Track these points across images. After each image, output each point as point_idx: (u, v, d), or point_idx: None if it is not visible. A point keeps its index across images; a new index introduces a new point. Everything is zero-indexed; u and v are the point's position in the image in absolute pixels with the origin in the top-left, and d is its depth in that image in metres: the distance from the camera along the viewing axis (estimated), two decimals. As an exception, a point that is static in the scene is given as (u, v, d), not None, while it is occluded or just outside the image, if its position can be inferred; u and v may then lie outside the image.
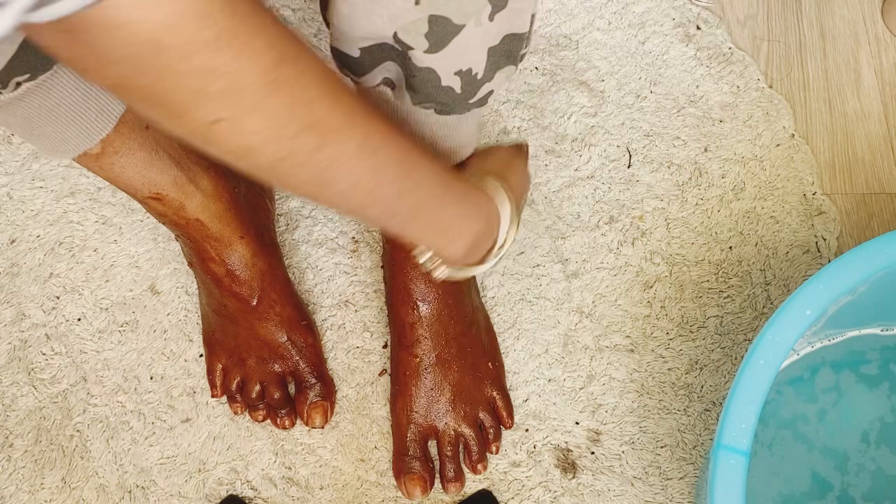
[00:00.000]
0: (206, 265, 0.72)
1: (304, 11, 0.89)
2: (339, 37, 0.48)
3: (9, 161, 0.84)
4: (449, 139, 0.59)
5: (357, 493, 0.74)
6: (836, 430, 0.71)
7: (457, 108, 0.53)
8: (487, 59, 0.48)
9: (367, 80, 0.52)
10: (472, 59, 0.47)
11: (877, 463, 0.70)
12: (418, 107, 0.52)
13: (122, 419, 0.76)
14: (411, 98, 0.51)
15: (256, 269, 0.72)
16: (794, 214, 0.82)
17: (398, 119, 0.57)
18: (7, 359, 0.78)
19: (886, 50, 0.88)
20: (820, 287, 0.57)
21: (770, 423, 0.71)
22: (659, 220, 0.82)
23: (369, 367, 0.78)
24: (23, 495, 0.75)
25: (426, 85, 0.49)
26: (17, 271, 0.81)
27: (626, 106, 0.86)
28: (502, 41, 0.47)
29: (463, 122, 0.58)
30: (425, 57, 0.47)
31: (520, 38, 0.48)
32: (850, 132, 0.85)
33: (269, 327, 0.73)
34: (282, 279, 0.75)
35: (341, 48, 0.49)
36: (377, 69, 0.50)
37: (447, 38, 0.45)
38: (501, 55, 0.48)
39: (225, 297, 0.73)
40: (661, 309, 0.79)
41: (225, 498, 0.74)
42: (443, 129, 0.58)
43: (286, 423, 0.74)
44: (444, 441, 0.72)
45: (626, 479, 0.74)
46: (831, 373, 0.72)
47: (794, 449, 0.71)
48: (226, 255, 0.71)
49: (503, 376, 0.76)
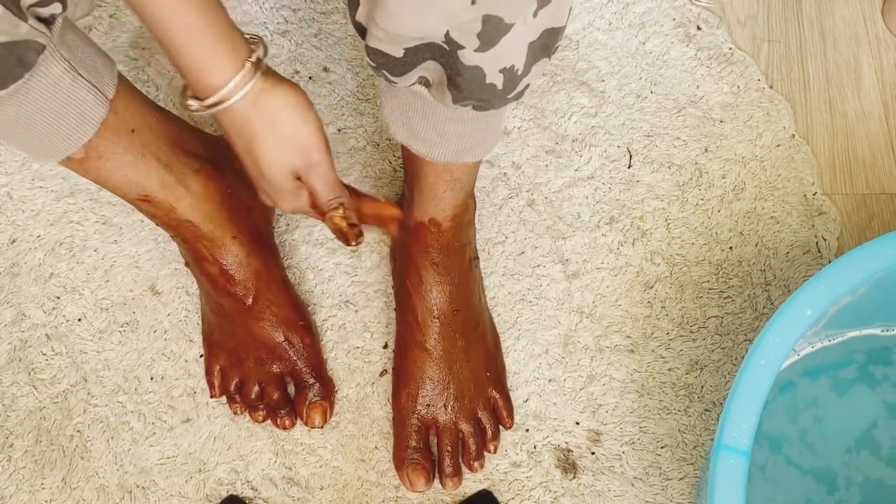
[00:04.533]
0: (200, 265, 0.72)
1: (304, 11, 0.89)
2: (384, 37, 0.47)
3: (9, 161, 0.84)
4: (477, 133, 0.59)
5: (357, 493, 0.74)
6: (821, 448, 0.71)
7: (496, 104, 0.52)
8: (527, 54, 0.48)
9: (405, 79, 0.52)
10: (515, 56, 0.47)
11: (863, 472, 0.71)
12: (458, 105, 0.52)
13: (122, 419, 0.76)
14: (453, 97, 0.51)
15: (251, 269, 0.72)
16: (794, 215, 0.82)
17: (427, 116, 0.57)
18: (7, 359, 0.78)
19: (887, 50, 0.88)
20: (820, 287, 0.57)
21: (763, 443, 0.71)
22: (659, 220, 0.82)
23: (369, 367, 0.78)
24: (23, 495, 0.75)
25: (471, 83, 0.49)
26: (17, 271, 0.81)
27: (626, 106, 0.86)
28: (541, 36, 0.47)
29: (495, 116, 0.58)
30: (474, 56, 0.46)
31: (557, 31, 0.48)
32: (850, 132, 0.85)
33: (265, 327, 0.73)
34: (278, 279, 0.75)
35: (384, 49, 0.48)
36: (417, 68, 0.50)
37: (497, 37, 0.45)
38: (539, 49, 0.48)
39: (221, 297, 0.73)
40: (661, 309, 0.79)
41: (225, 498, 0.74)
42: (477, 123, 0.57)
43: (286, 423, 0.74)
44: (444, 435, 0.72)
45: (627, 479, 0.74)
46: (810, 383, 0.73)
47: (787, 474, 0.71)
48: (219, 255, 0.71)
49: (504, 377, 0.76)
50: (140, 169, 0.64)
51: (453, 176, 0.66)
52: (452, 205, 0.69)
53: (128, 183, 0.65)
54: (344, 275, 0.80)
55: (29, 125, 0.56)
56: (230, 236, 0.71)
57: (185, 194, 0.68)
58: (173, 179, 0.67)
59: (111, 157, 0.62)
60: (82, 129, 0.59)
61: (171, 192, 0.67)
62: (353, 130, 0.85)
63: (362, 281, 0.80)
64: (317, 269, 0.81)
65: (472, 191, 0.73)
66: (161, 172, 0.66)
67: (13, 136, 0.57)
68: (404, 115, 0.58)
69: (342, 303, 0.80)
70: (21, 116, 0.55)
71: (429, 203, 0.69)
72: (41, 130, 0.56)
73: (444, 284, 0.72)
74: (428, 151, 0.60)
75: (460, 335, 0.73)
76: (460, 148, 0.60)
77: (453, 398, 0.72)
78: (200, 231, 0.70)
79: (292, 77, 0.86)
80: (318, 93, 0.86)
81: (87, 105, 0.58)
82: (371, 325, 0.79)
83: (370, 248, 0.81)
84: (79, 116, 0.58)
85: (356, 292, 0.80)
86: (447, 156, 0.61)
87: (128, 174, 0.64)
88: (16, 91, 0.52)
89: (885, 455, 0.71)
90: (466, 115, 0.55)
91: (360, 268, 0.81)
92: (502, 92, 0.50)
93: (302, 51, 0.87)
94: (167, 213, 0.68)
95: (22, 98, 0.53)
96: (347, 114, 0.85)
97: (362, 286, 0.80)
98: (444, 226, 0.70)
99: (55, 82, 0.54)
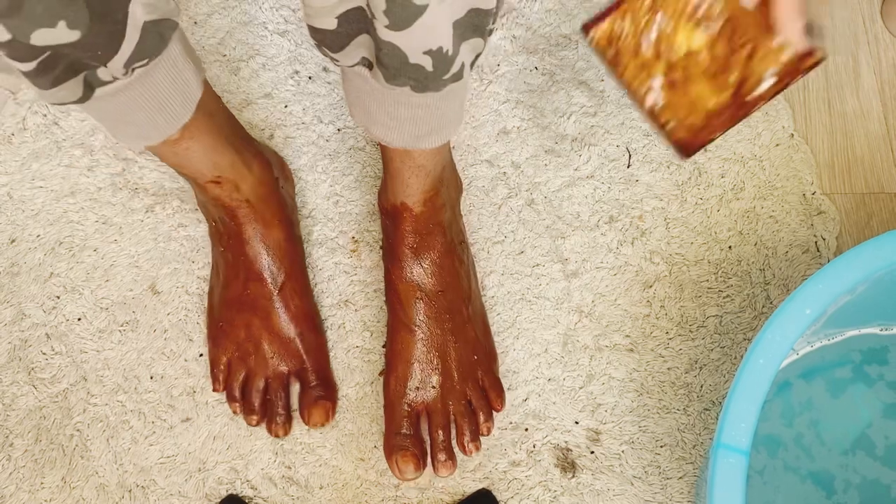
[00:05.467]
0: (242, 247, 0.74)
1: (304, 11, 0.89)
2: (313, 13, 0.49)
3: (9, 161, 0.84)
4: (430, 119, 0.59)
5: (357, 493, 0.74)
6: (817, 451, 0.71)
7: (431, 85, 0.52)
8: (454, 34, 0.48)
9: (345, 57, 0.52)
10: (440, 36, 0.47)
11: (860, 473, 0.71)
12: (393, 84, 0.52)
13: (122, 418, 0.77)
14: (384, 74, 0.51)
15: (287, 256, 0.75)
16: (793, 214, 0.82)
17: (378, 99, 0.57)
18: (7, 358, 0.79)
19: (886, 50, 0.88)
20: (819, 286, 0.57)
21: (761, 448, 0.71)
22: (658, 219, 0.82)
23: (369, 366, 0.78)
24: (23, 495, 0.75)
25: (393, 60, 0.49)
26: (17, 271, 0.81)
27: (625, 106, 0.86)
28: (467, 14, 0.47)
29: (442, 102, 0.58)
30: (388, 33, 0.46)
31: (485, 13, 0.48)
32: (849, 132, 0.85)
33: (284, 318, 0.74)
34: (303, 272, 0.77)
35: (317, 24, 0.50)
36: (353, 43, 0.50)
37: (410, 18, 0.45)
38: (467, 27, 0.48)
39: (250, 281, 0.74)
40: (660, 308, 0.79)
41: (225, 497, 0.74)
42: (428, 109, 0.58)
43: (279, 431, 0.74)
44: (434, 417, 0.72)
45: (626, 478, 0.74)
46: (805, 384, 0.73)
47: (786, 479, 0.71)
48: (264, 236, 0.74)
49: (495, 362, 0.76)
50: (217, 150, 0.68)
51: (416, 162, 0.67)
52: (420, 189, 0.71)
53: (207, 164, 0.68)
54: (343, 274, 0.80)
55: (145, 105, 0.58)
56: (277, 219, 0.75)
57: (248, 175, 0.72)
58: (240, 160, 0.71)
59: (199, 137, 0.65)
60: (185, 109, 0.61)
61: (239, 173, 0.71)
62: (352, 130, 0.85)
63: (362, 280, 0.80)
64: (316, 268, 0.81)
65: (445, 175, 0.74)
66: (232, 153, 0.70)
67: (125, 118, 0.59)
68: (359, 98, 0.59)
69: (342, 302, 0.80)
70: (141, 97, 0.57)
71: (398, 188, 0.71)
72: (152, 110, 0.59)
73: (424, 265, 0.73)
74: (384, 135, 0.62)
75: (446, 316, 0.73)
76: (415, 133, 0.61)
77: (444, 382, 0.72)
78: (255, 211, 0.73)
79: (292, 76, 0.86)
80: (318, 93, 0.86)
81: (191, 85, 0.60)
82: (370, 325, 0.79)
83: (370, 248, 0.81)
84: (183, 96, 0.60)
85: (356, 291, 0.80)
86: (403, 141, 0.62)
87: (208, 154, 0.67)
88: (150, 69, 0.55)
89: (881, 454, 0.71)
90: (414, 99, 0.55)
91: (359, 267, 0.81)
92: (435, 73, 0.50)
93: (302, 51, 0.87)
94: (230, 193, 0.71)
95: (148, 76, 0.55)
96: (347, 113, 0.85)
97: (362, 285, 0.80)
98: (416, 210, 0.72)
99: (174, 61, 0.57)
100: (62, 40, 0.46)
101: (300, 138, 0.85)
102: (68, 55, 0.49)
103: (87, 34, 0.47)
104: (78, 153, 0.84)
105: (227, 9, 0.89)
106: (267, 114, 0.85)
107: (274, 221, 0.74)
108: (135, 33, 0.50)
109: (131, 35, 0.50)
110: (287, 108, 0.85)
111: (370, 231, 0.82)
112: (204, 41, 0.88)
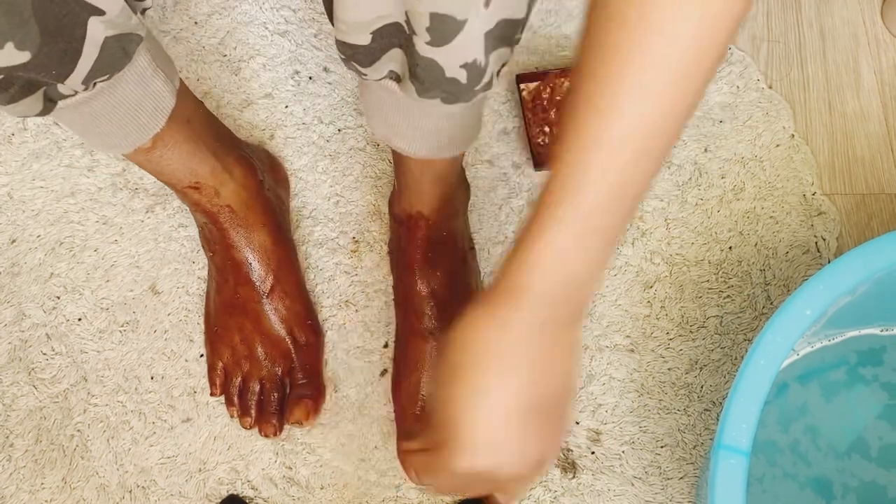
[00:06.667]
0: (228, 252, 0.74)
1: (304, 11, 0.89)
2: (346, 29, 0.48)
3: (9, 161, 0.84)
4: (455, 126, 0.59)
5: (357, 493, 0.74)
6: (813, 457, 0.71)
7: (463, 97, 0.52)
8: (485, 45, 0.48)
9: (374, 72, 0.52)
10: (474, 50, 0.47)
11: (857, 476, 0.71)
12: (424, 97, 0.52)
13: (122, 419, 0.77)
14: (416, 89, 0.51)
15: (275, 258, 0.75)
16: (793, 215, 0.82)
17: (403, 111, 0.57)
18: (7, 359, 0.78)
19: (886, 51, 0.88)
20: (820, 287, 0.57)
21: (760, 455, 0.71)
22: (659, 220, 0.82)
23: (370, 367, 0.78)
24: (23, 495, 0.75)
25: (430, 75, 0.49)
26: (17, 271, 0.81)
27: (626, 106, 0.86)
28: (496, 25, 0.47)
29: (467, 111, 0.58)
30: (428, 49, 0.46)
31: (516, 23, 0.48)
32: (849, 133, 0.85)
33: (275, 320, 0.74)
34: (295, 274, 0.77)
35: (349, 40, 0.49)
36: (385, 58, 0.50)
37: (451, 34, 0.45)
38: (497, 38, 0.48)
39: (239, 286, 0.74)
40: (661, 309, 0.79)
41: (225, 498, 0.74)
42: (452, 118, 0.57)
43: (269, 431, 0.74)
44: None
45: (626, 478, 0.74)
46: (800, 388, 0.73)
47: (785, 486, 0.71)
48: (249, 240, 0.74)
49: None
50: (196, 156, 0.68)
51: (435, 170, 0.67)
52: (437, 197, 0.71)
53: (184, 170, 0.68)
54: (344, 274, 0.80)
55: (112, 116, 0.57)
56: (261, 223, 0.74)
57: (228, 180, 0.71)
58: (220, 166, 0.70)
59: (174, 145, 0.65)
60: (156, 119, 0.61)
61: (218, 178, 0.71)
62: (353, 130, 0.85)
63: (362, 281, 0.80)
64: (317, 268, 0.81)
65: (459, 181, 0.74)
66: (211, 160, 0.69)
67: (95, 127, 0.58)
68: (380, 111, 0.59)
69: (342, 302, 0.80)
70: (108, 107, 0.56)
71: (415, 197, 0.71)
72: (121, 121, 0.58)
73: (438, 273, 0.73)
74: (406, 147, 0.61)
75: None
76: (438, 143, 0.60)
77: None
78: (237, 216, 0.73)
79: (292, 77, 0.86)
80: (318, 93, 0.86)
81: (162, 95, 0.60)
82: (371, 325, 0.79)
83: (370, 248, 0.81)
84: (154, 106, 0.60)
85: (356, 292, 0.80)
86: (426, 151, 0.61)
87: (186, 162, 0.67)
88: (114, 81, 0.54)
89: (875, 455, 0.71)
90: (439, 109, 0.55)
91: (360, 267, 0.81)
92: (468, 85, 0.50)
93: (302, 51, 0.87)
94: (210, 198, 0.71)
95: (113, 89, 0.55)
96: (347, 114, 0.85)
97: (362, 286, 0.80)
98: (432, 218, 0.72)
99: (141, 73, 0.56)
100: (11, 62, 0.45)
101: (300, 139, 0.85)
102: (21, 76, 0.48)
103: (38, 54, 0.45)
104: (78, 153, 0.84)
105: (228, 9, 0.89)
106: (267, 114, 0.85)
107: (258, 225, 0.74)
108: (93, 50, 0.49)
109: (89, 52, 0.49)
110: (288, 108, 0.85)
111: (370, 231, 0.82)
112: (204, 41, 0.88)
